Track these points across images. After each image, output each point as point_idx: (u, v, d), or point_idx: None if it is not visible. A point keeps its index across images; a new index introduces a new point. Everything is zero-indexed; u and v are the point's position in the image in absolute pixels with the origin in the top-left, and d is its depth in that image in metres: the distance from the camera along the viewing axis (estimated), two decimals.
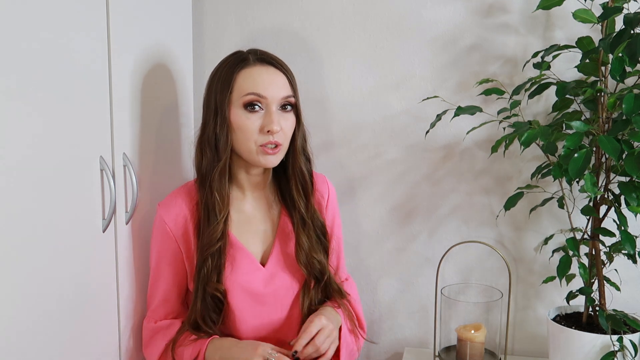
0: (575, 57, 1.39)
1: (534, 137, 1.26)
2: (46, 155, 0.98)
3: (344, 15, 1.58)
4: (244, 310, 1.24)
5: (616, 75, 1.20)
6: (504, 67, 1.52)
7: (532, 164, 1.53)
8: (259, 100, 1.18)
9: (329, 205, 1.35)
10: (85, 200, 1.10)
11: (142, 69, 1.28)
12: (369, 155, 1.62)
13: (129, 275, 1.26)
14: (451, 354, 1.48)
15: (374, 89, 1.60)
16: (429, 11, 1.54)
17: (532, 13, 1.48)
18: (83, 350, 1.11)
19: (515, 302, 1.60)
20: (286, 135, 1.22)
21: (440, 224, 1.61)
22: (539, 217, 1.55)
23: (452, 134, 1.56)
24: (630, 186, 1.24)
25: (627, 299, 1.48)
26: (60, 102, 1.01)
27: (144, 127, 1.30)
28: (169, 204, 1.26)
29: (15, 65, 0.90)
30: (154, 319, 1.29)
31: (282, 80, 1.21)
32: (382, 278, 1.66)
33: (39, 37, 0.95)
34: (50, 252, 1.00)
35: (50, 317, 1.01)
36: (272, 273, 1.27)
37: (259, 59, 1.21)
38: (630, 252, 1.29)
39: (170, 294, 1.28)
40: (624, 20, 1.14)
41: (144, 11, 1.29)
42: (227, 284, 1.23)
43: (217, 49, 1.64)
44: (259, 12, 1.62)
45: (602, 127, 1.31)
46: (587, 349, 1.30)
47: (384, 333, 1.68)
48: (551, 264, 1.53)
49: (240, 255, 1.25)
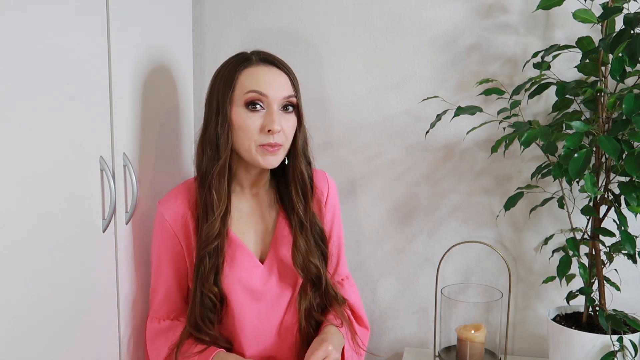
0: (575, 57, 1.39)
1: (534, 137, 1.26)
2: (46, 155, 0.98)
3: (344, 15, 1.58)
4: (244, 307, 1.24)
5: (616, 75, 1.20)
6: (504, 67, 1.52)
7: (532, 164, 1.53)
8: (260, 98, 1.18)
9: (328, 201, 1.34)
10: (85, 200, 1.10)
11: (142, 69, 1.28)
12: (369, 155, 1.62)
13: (129, 275, 1.26)
14: (451, 354, 1.48)
15: (374, 89, 1.60)
16: (429, 11, 1.54)
17: (532, 13, 1.48)
18: (83, 351, 1.11)
19: (515, 302, 1.60)
20: (287, 136, 1.22)
21: (440, 224, 1.61)
22: (539, 217, 1.55)
23: (452, 134, 1.56)
24: (630, 186, 1.24)
25: (627, 299, 1.48)
26: (61, 102, 1.01)
27: (144, 127, 1.30)
28: (168, 201, 1.26)
29: (16, 65, 0.90)
30: (157, 318, 1.29)
31: (284, 81, 1.21)
32: (382, 278, 1.66)
33: (39, 38, 0.95)
34: (50, 252, 1.00)
35: (50, 317, 1.01)
36: (270, 271, 1.27)
37: (262, 59, 1.22)
38: (630, 252, 1.29)
39: (171, 292, 1.28)
40: (624, 20, 1.15)
41: (143, 11, 1.29)
42: (226, 281, 1.23)
43: (217, 49, 1.64)
44: (259, 12, 1.62)
45: (602, 127, 1.31)
46: (587, 349, 1.30)
47: (384, 333, 1.68)
48: (551, 264, 1.53)
49: (240, 252, 1.25)
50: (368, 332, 1.38)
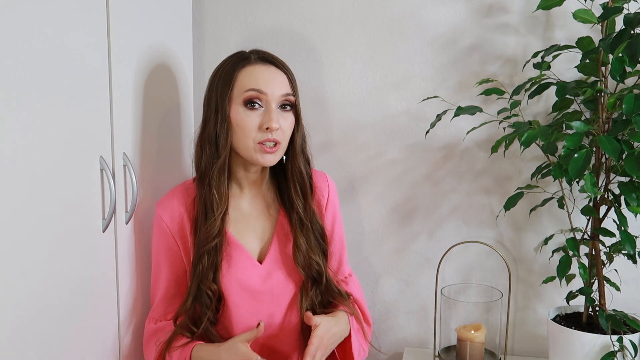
0: (575, 57, 1.39)
1: (534, 137, 1.26)
2: (46, 155, 0.98)
3: (344, 16, 1.58)
4: (241, 307, 1.24)
5: (616, 75, 1.20)
6: (504, 67, 1.52)
7: (532, 164, 1.53)
8: (258, 96, 1.19)
9: (329, 202, 1.35)
10: (85, 200, 1.10)
11: (142, 69, 1.28)
12: (369, 155, 1.62)
13: (129, 275, 1.26)
14: (451, 354, 1.48)
15: (374, 89, 1.60)
16: (429, 11, 1.54)
17: (532, 13, 1.48)
18: (83, 351, 1.11)
19: (515, 302, 1.60)
20: (285, 135, 1.22)
21: (440, 224, 1.61)
22: (539, 217, 1.55)
23: (452, 134, 1.56)
24: (630, 186, 1.24)
25: (627, 299, 1.48)
26: (60, 102, 1.01)
27: (144, 126, 1.30)
28: (165, 202, 1.27)
29: (16, 65, 0.90)
30: (154, 318, 1.29)
31: (283, 79, 1.22)
32: (382, 278, 1.66)
33: (39, 37, 0.95)
34: (50, 252, 1.00)
35: (50, 317, 1.01)
36: (269, 271, 1.27)
37: (261, 58, 1.22)
38: (630, 252, 1.29)
39: (169, 292, 1.28)
40: (624, 20, 1.14)
41: (144, 11, 1.29)
42: (224, 281, 1.23)
43: (217, 49, 1.64)
44: (259, 12, 1.62)
45: (602, 127, 1.31)
46: (587, 349, 1.30)
47: (384, 333, 1.68)
48: (551, 264, 1.53)
49: (237, 253, 1.25)
50: (370, 329, 1.38)
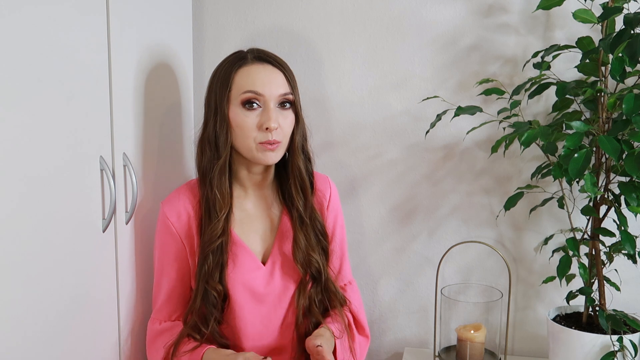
0: (575, 57, 1.39)
1: (534, 137, 1.26)
2: (46, 155, 0.98)
3: (344, 15, 1.58)
4: (245, 307, 1.24)
5: (616, 75, 1.20)
6: (504, 67, 1.52)
7: (532, 164, 1.53)
8: (256, 98, 1.19)
9: (330, 205, 1.35)
10: (85, 200, 1.10)
11: (142, 68, 1.28)
12: (369, 155, 1.62)
13: (129, 276, 1.26)
14: (451, 354, 1.48)
15: (374, 89, 1.60)
16: (429, 11, 1.54)
17: (532, 13, 1.48)
18: (83, 351, 1.11)
19: (515, 302, 1.60)
20: (285, 133, 1.22)
21: (440, 224, 1.61)
22: (539, 217, 1.55)
23: (452, 134, 1.56)
24: (630, 186, 1.24)
25: (627, 299, 1.48)
26: (60, 101, 1.01)
27: (145, 126, 1.30)
28: (172, 201, 1.26)
29: (15, 64, 0.90)
30: (158, 319, 1.29)
31: (280, 78, 1.21)
32: (382, 278, 1.66)
33: (39, 37, 0.95)
34: (50, 252, 1.00)
35: (50, 317, 1.01)
36: (272, 272, 1.27)
37: (257, 57, 1.22)
38: (630, 252, 1.29)
39: (173, 293, 1.28)
40: (624, 20, 1.15)
41: (144, 11, 1.29)
42: (229, 281, 1.23)
43: (217, 49, 1.64)
44: (259, 12, 1.62)
45: (602, 127, 1.31)
46: (587, 349, 1.30)
47: (384, 333, 1.68)
48: (551, 264, 1.53)
49: (242, 253, 1.25)
50: (368, 341, 1.36)
